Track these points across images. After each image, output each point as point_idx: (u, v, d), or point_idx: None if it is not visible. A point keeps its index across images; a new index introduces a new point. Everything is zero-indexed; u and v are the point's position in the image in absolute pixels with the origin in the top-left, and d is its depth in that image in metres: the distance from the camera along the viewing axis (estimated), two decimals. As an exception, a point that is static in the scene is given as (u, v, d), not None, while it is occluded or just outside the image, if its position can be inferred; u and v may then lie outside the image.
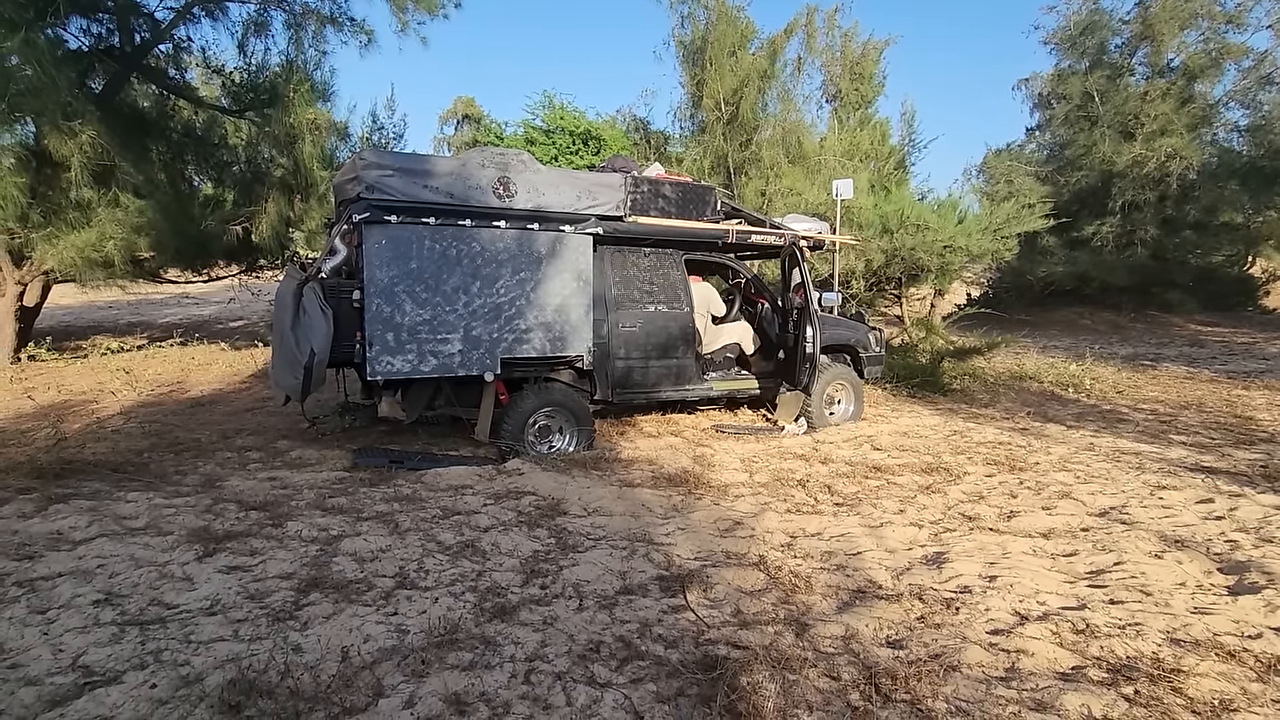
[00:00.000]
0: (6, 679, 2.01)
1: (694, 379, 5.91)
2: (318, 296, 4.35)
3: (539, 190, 4.90)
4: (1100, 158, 16.32)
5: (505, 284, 4.83)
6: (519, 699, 2.02)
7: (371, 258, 4.41)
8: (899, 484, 4.51)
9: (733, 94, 13.90)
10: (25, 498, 3.72)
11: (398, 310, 4.49)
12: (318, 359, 4.27)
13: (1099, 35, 17.23)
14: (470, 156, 4.81)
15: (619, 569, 3.00)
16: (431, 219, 4.55)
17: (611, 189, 5.24)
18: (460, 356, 4.72)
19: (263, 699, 1.96)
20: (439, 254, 4.60)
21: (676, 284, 5.81)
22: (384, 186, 4.40)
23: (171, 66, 10.82)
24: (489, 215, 4.74)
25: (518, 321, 4.90)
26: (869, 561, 3.16)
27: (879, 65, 15.52)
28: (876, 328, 7.16)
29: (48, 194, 8.52)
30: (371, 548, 3.15)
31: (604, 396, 5.49)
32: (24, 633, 2.26)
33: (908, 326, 10.69)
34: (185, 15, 10.26)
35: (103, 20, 9.71)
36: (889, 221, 9.97)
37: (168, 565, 2.87)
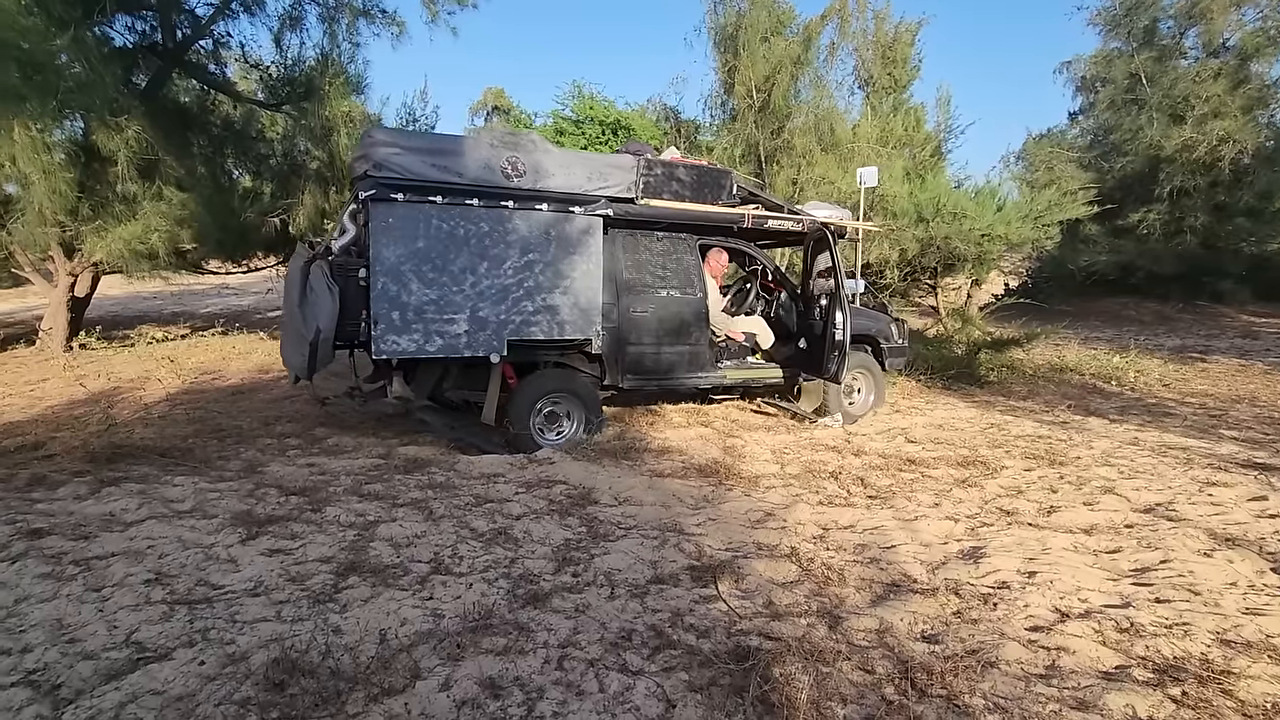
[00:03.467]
0: (66, 653, 2.10)
1: (707, 366, 5.81)
2: (324, 275, 4.38)
3: (548, 171, 4.86)
4: (1147, 142, 15.73)
5: (513, 265, 4.80)
6: (552, 684, 2.04)
7: (378, 236, 4.41)
8: (934, 477, 4.44)
9: (765, 81, 13.71)
10: (80, 480, 3.87)
11: (404, 289, 4.49)
12: (323, 336, 4.32)
13: (1148, 15, 16.57)
14: (480, 136, 4.79)
15: (650, 558, 3.01)
16: (439, 198, 4.53)
17: (622, 170, 5.17)
18: (466, 337, 4.70)
19: (305, 678, 2.02)
20: (446, 233, 4.59)
21: (690, 269, 5.70)
22: (392, 164, 4.39)
23: (211, 62, 11.06)
24: (497, 195, 4.71)
25: (525, 303, 4.86)
26: (903, 555, 3.12)
27: (913, 49, 15.16)
28: (899, 318, 7.00)
29: (96, 188, 8.81)
30: (407, 533, 3.21)
31: (614, 382, 5.44)
32: (81, 609, 2.36)
33: (943, 317, 10.47)
34: (224, 11, 10.47)
35: (146, 17, 9.96)
36: (924, 210, 9.75)
37: (213, 547, 2.96)
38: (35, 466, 4.16)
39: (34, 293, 12.82)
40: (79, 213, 8.53)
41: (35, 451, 4.50)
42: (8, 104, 6.51)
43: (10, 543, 2.87)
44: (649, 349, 5.51)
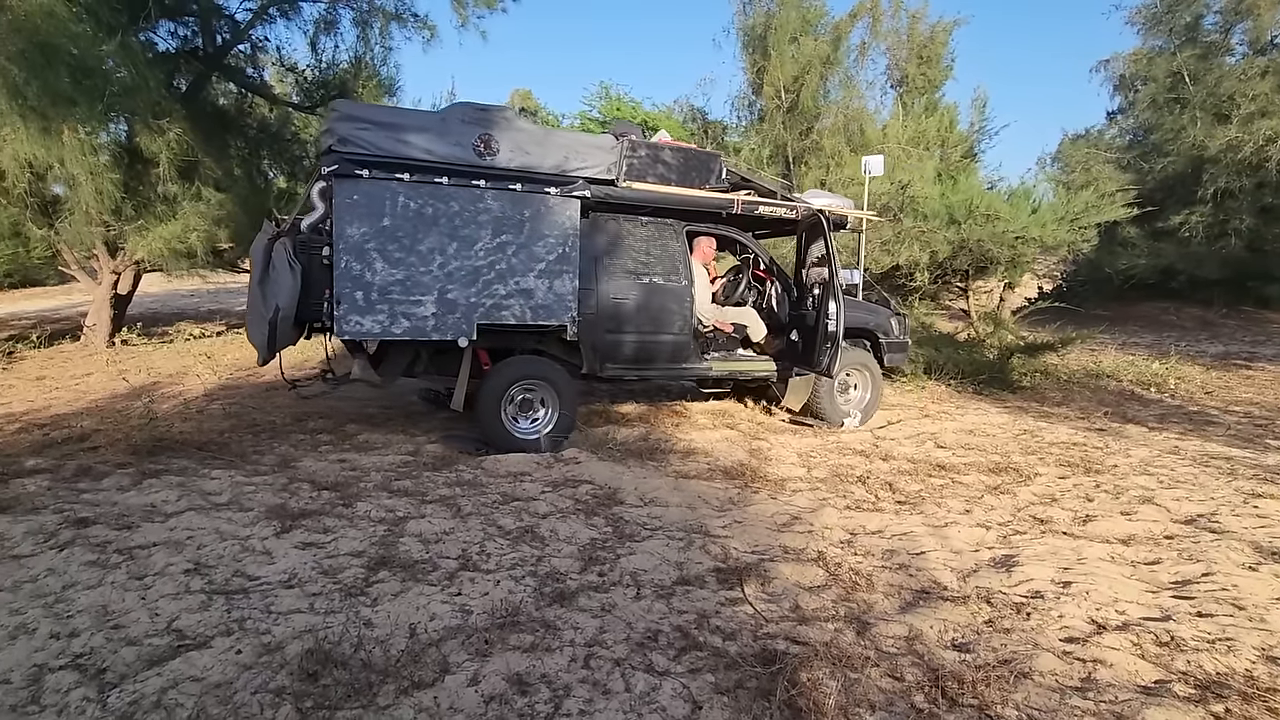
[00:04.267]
0: (111, 638, 2.17)
1: (692, 357, 5.60)
2: (286, 252, 4.27)
3: (523, 149, 4.67)
4: (1190, 142, 15.26)
5: (484, 246, 4.63)
6: (579, 682, 2.06)
7: (342, 213, 4.27)
8: (964, 483, 4.37)
9: (794, 81, 13.63)
10: (123, 472, 4.00)
11: (368, 269, 4.34)
12: (282, 315, 4.22)
13: (1190, 11, 16.07)
14: (451, 111, 4.63)
15: (676, 559, 3.01)
16: (406, 175, 4.38)
17: (602, 151, 4.98)
18: (434, 320, 4.54)
19: (337, 669, 2.06)
20: (414, 212, 4.43)
21: (675, 256, 5.46)
22: (357, 140, 4.25)
23: (249, 66, 11.34)
24: (468, 173, 4.54)
25: (496, 286, 4.67)
26: (933, 562, 3.07)
27: (947, 48, 14.95)
28: (901, 313, 6.72)
29: (138, 189, 9.09)
30: (435, 530, 3.25)
31: (591, 370, 5.25)
32: (125, 597, 2.43)
33: (974, 320, 10.29)
34: (262, 16, 10.72)
35: (188, 23, 10.25)
36: (956, 211, 9.59)
37: (249, 539, 3.03)
38: (81, 458, 4.30)
39: (79, 290, 13.26)
40: (122, 213, 8.80)
41: (81, 443, 4.66)
42: (59, 108, 6.75)
43: (59, 531, 2.98)
44: (629, 337, 5.30)
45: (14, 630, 2.20)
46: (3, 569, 2.62)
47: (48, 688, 1.93)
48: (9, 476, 3.87)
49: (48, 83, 6.54)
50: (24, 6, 6.11)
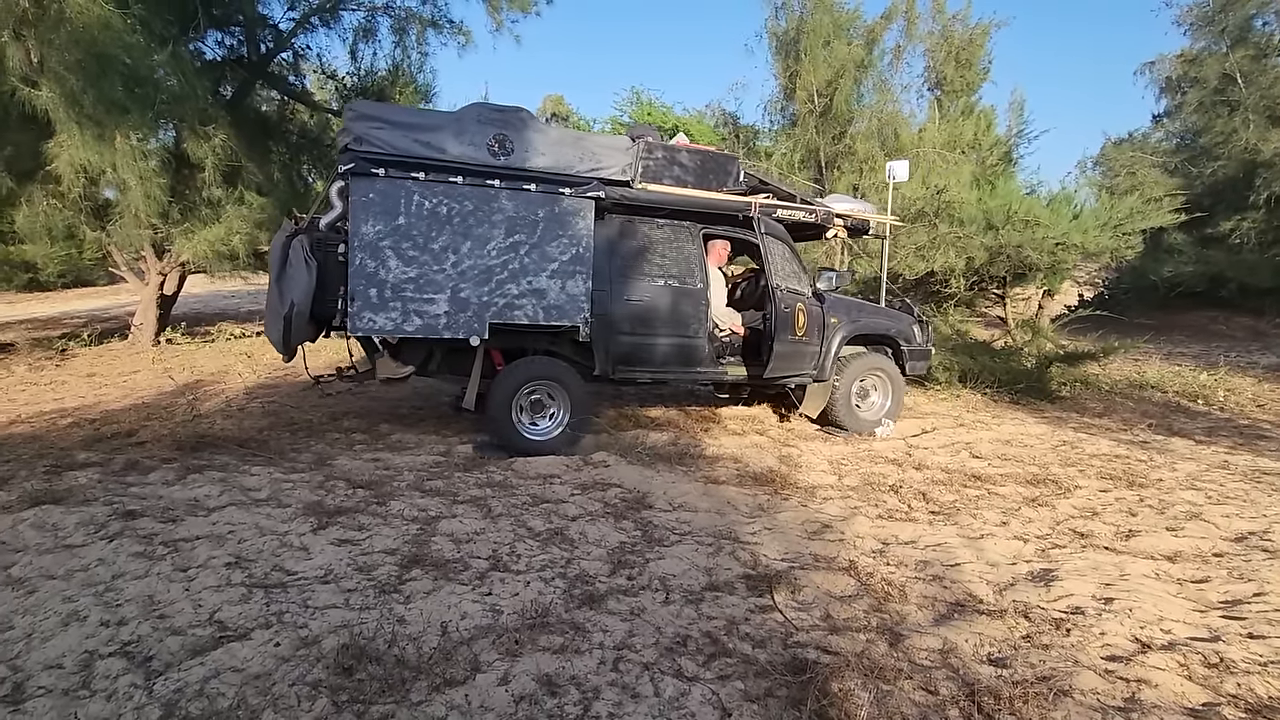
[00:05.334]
0: (157, 628, 2.24)
1: (706, 361, 5.50)
2: (303, 250, 4.35)
3: (538, 150, 4.69)
4: (1241, 146, 14.73)
5: (497, 246, 4.65)
6: (608, 685, 2.06)
7: (357, 211, 4.34)
8: (1001, 494, 4.27)
9: (827, 85, 13.51)
10: (168, 466, 4.13)
11: (382, 266, 4.39)
12: (297, 310, 4.29)
13: (1242, 11, 15.54)
14: (466, 111, 4.65)
15: (705, 565, 3.00)
16: (421, 174, 4.43)
17: (618, 152, 4.97)
18: (446, 318, 4.56)
19: (372, 664, 2.09)
20: (428, 211, 4.48)
21: (691, 258, 5.41)
22: (373, 139, 4.31)
23: (291, 73, 11.67)
24: (483, 173, 4.57)
25: (509, 286, 4.69)
26: (968, 574, 3.01)
27: (985, 50, 14.67)
28: (925, 319, 6.56)
29: (185, 193, 9.41)
30: (467, 530, 3.29)
31: (604, 372, 5.19)
32: (170, 588, 2.51)
33: (1011, 328, 10.06)
34: (304, 24, 11.02)
35: (234, 33, 10.58)
36: (994, 217, 9.39)
37: (287, 535, 3.10)
38: (129, 452, 4.46)
39: (127, 290, 13.76)
40: (169, 216, 9.11)
41: (129, 438, 4.83)
42: (112, 115, 7.02)
43: (108, 522, 3.09)
44: (642, 340, 5.25)
45: (67, 617, 2.29)
46: (56, 558, 2.73)
47: (98, 674, 2.00)
48: (62, 469, 4.03)
49: (103, 91, 6.81)
50: (83, 19, 6.37)
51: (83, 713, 1.82)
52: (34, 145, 7.91)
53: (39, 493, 3.48)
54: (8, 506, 3.28)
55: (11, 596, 2.43)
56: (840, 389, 5.90)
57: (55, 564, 2.67)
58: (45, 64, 6.83)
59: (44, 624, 2.25)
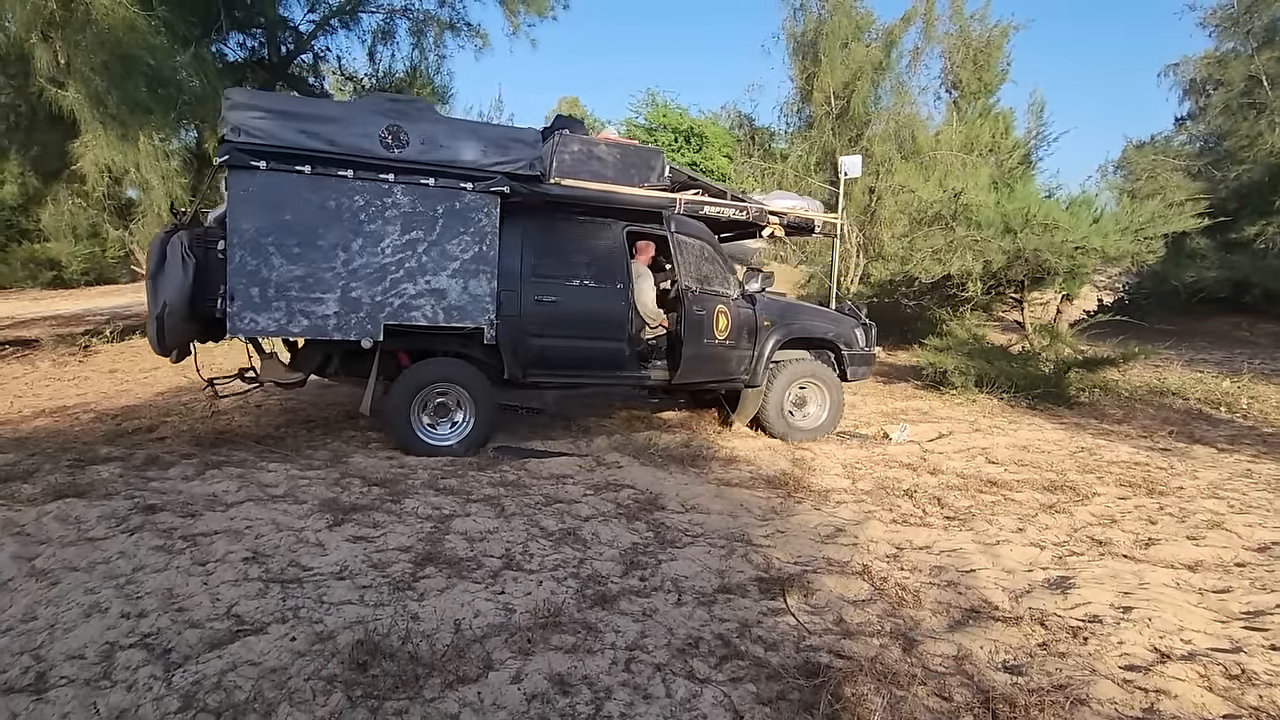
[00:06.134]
0: (175, 620, 2.28)
1: (628, 364, 5.24)
2: (181, 246, 4.17)
3: (437, 142, 4.43)
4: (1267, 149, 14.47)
5: (392, 243, 4.42)
6: (620, 685, 2.06)
7: (236, 206, 4.12)
8: (1017, 501, 4.23)
9: (844, 87, 13.45)
10: (187, 462, 4.19)
11: (265, 264, 4.17)
12: (169, 310, 4.14)
13: (1269, 12, 15.28)
14: (358, 102, 4.44)
15: (717, 567, 2.99)
16: (307, 167, 4.20)
17: (526, 145, 4.69)
18: (336, 319, 4.34)
19: (386, 660, 2.11)
20: (315, 206, 4.25)
21: (611, 257, 5.16)
22: (253, 130, 4.06)
23: (311, 75, 11.82)
24: (376, 167, 4.34)
25: (406, 285, 4.47)
26: (983, 580, 2.98)
27: (1003, 52, 14.55)
28: (868, 322, 6.26)
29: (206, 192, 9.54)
30: (480, 528, 3.31)
31: (514, 376, 4.98)
32: (189, 581, 2.55)
33: (1029, 333, 9.95)
34: (324, 26, 11.16)
35: (256, 35, 10.75)
36: (1011, 220, 9.29)
37: (303, 531, 3.13)
38: (150, 447, 4.53)
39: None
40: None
41: (150, 434, 4.91)
42: (136, 115, 7.15)
43: (129, 516, 3.13)
44: (555, 342, 5.01)
45: (89, 609, 2.33)
46: (79, 550, 2.77)
47: (118, 664, 2.03)
48: (85, 463, 4.10)
49: (127, 92, 6.95)
50: (108, 20, 6.49)
51: (103, 703, 1.85)
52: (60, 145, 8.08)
53: (62, 486, 3.54)
54: (32, 499, 3.34)
55: (35, 587, 2.48)
56: (772, 396, 5.67)
57: (78, 556, 2.72)
58: (71, 65, 6.97)
59: (66, 615, 2.29)
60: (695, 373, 5.37)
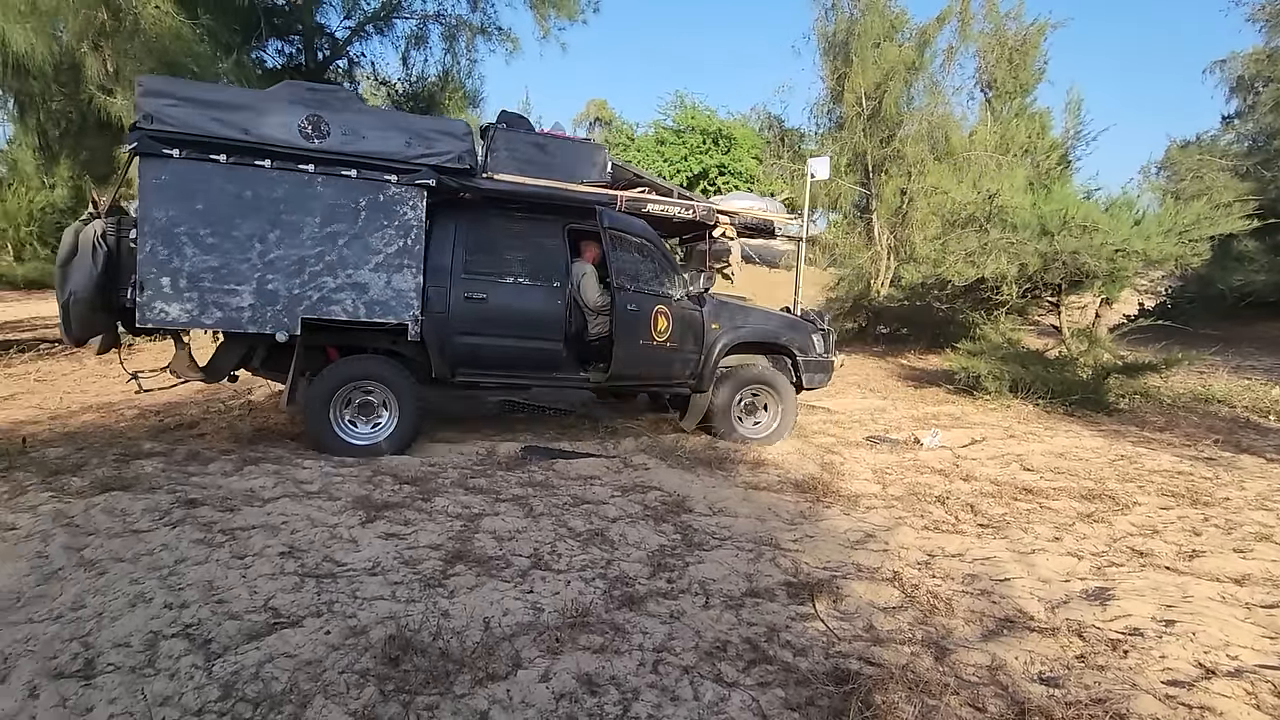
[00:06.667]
0: (215, 612, 2.34)
1: (566, 366, 5.11)
2: (94, 235, 4.16)
3: (358, 132, 4.35)
4: (1321, 148, 13.94)
5: (311, 235, 4.34)
6: (647, 687, 2.06)
7: (147, 194, 4.07)
8: (1054, 509, 4.13)
9: (875, 88, 13.31)
10: (226, 458, 4.30)
11: (177, 254, 4.12)
12: (75, 299, 4.11)
13: (1325, 6, 14.71)
14: (276, 91, 4.39)
15: (745, 570, 2.98)
16: (223, 156, 4.13)
17: (453, 138, 4.59)
18: (251, 311, 4.27)
19: (417, 656, 2.14)
20: (231, 196, 4.19)
21: (549, 255, 5.04)
22: (165, 117, 4.01)
23: (346, 80, 12.05)
24: (295, 157, 4.27)
25: (325, 278, 4.38)
26: (1018, 590, 2.92)
27: (1040, 50, 14.24)
28: (826, 328, 5.99)
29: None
30: (509, 528, 3.34)
31: (441, 375, 4.87)
32: (228, 574, 2.62)
33: (1066, 337, 9.71)
34: (359, 32, 11.39)
35: (293, 41, 11.01)
36: (1049, 222, 9.08)
37: (337, 527, 3.20)
38: (190, 443, 4.66)
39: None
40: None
41: (190, 430, 5.05)
42: (180, 121, 7.36)
43: (171, 510, 3.23)
44: (486, 341, 4.89)
45: (133, 598, 2.40)
46: (124, 542, 2.87)
47: (161, 653, 2.10)
48: (130, 458, 4.24)
49: (172, 98, 7.16)
50: (156, 30, 6.71)
51: (148, 690, 1.91)
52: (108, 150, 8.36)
53: (109, 479, 3.67)
54: (81, 492, 3.46)
55: (84, 577, 2.57)
56: (719, 401, 5.47)
57: (123, 548, 2.81)
58: (120, 73, 7.22)
59: (113, 604, 2.37)
60: (630, 374, 5.16)
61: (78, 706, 1.84)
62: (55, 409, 6.05)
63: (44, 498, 3.33)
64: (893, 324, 13.46)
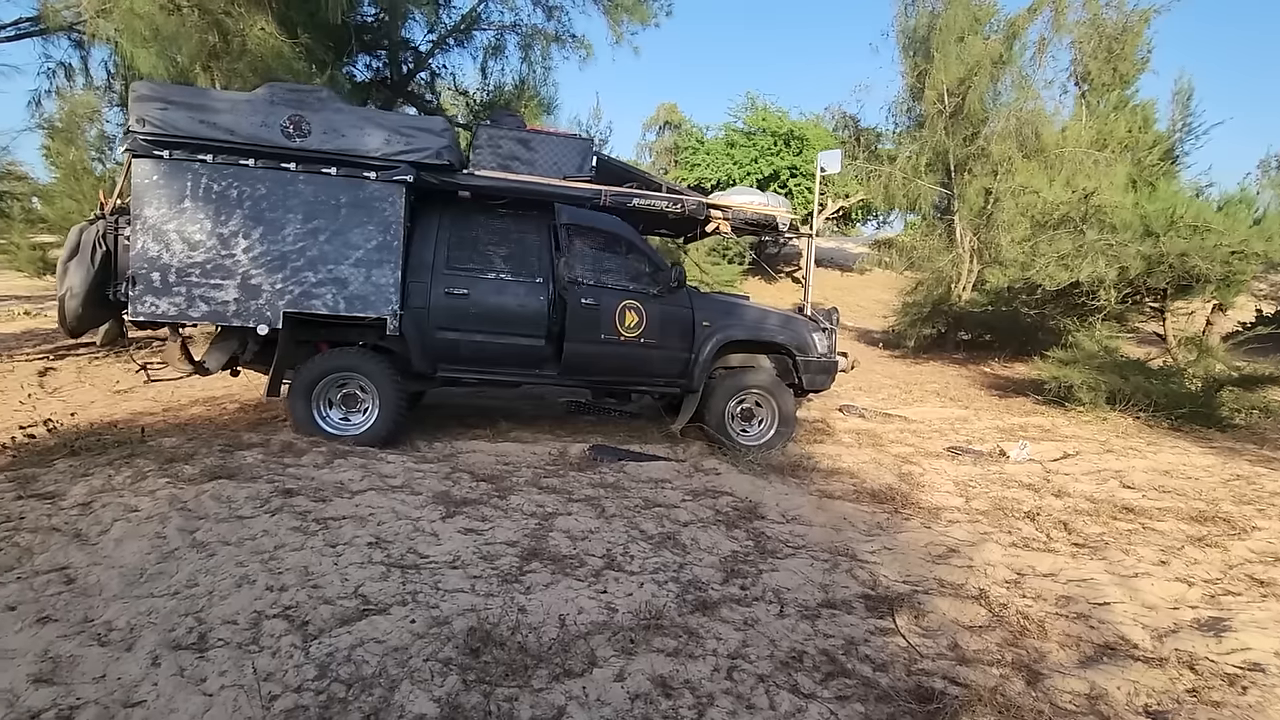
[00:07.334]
0: (311, 596, 2.48)
1: (549, 363, 5.11)
2: (96, 234, 4.40)
3: (338, 131, 4.49)
4: None
5: (294, 231, 4.52)
6: (722, 693, 2.05)
7: (140, 194, 4.31)
8: (1159, 531, 3.84)
9: (959, 83, 12.77)
10: (317, 451, 4.53)
11: (166, 250, 4.35)
12: (72, 293, 4.33)
13: None
14: (258, 93, 4.53)
15: (820, 580, 2.91)
16: (209, 156, 4.35)
17: (430, 134, 4.68)
18: (236, 305, 4.48)
19: (496, 649, 2.20)
20: (217, 194, 4.39)
21: (533, 251, 5.05)
22: (157, 120, 4.25)
23: (428, 91, 12.56)
24: (278, 156, 4.45)
25: (307, 274, 4.54)
26: (1120, 615, 2.73)
27: (1143, 38, 13.29)
28: (829, 327, 5.62)
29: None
30: (582, 528, 3.38)
31: (422, 369, 4.96)
32: (321, 561, 2.77)
33: (1171, 346, 9.02)
34: (440, 45, 11.85)
35: (380, 56, 11.56)
36: (1153, 222, 8.45)
37: (419, 521, 3.33)
38: (285, 435, 4.95)
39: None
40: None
41: (285, 423, 5.36)
42: (280, 134, 7.86)
43: (271, 498, 3.44)
44: (467, 336, 4.94)
45: (239, 580, 2.58)
46: (230, 527, 3.08)
47: (264, 632, 2.24)
48: (233, 448, 4.53)
49: (273, 113, 7.66)
50: (260, 49, 7.20)
51: (254, 664, 2.05)
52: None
53: (216, 468, 3.94)
54: (192, 479, 3.73)
55: (196, 557, 2.77)
56: (713, 404, 5.30)
57: (230, 532, 3.02)
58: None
59: (221, 584, 2.54)
60: (590, 371, 5.16)
61: (193, 677, 1.99)
62: (167, 402, 6.56)
63: (161, 483, 3.62)
64: (975, 330, 12.86)
